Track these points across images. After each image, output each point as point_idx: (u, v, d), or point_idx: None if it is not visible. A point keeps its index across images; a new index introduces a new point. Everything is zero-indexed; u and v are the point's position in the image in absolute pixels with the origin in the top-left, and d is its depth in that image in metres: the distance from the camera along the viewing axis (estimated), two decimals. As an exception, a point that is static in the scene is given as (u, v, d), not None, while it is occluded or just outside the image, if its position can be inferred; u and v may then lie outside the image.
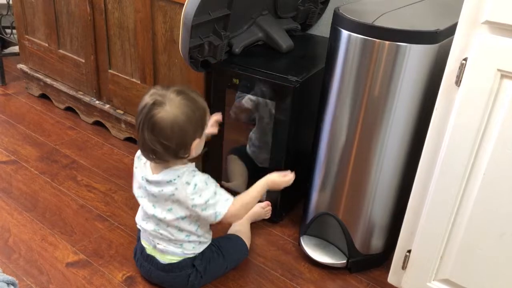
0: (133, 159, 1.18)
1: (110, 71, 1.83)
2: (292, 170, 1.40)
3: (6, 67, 2.35)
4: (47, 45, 2.04)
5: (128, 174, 1.70)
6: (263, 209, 1.44)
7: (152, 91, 1.07)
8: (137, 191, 1.21)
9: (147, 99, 1.05)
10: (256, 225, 1.47)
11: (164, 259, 1.19)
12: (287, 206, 1.52)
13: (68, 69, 2.00)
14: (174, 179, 1.10)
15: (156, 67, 1.65)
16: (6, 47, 2.44)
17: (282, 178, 1.20)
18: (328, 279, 1.31)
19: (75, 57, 1.94)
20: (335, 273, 1.32)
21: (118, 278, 1.26)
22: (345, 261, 1.30)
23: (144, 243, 1.23)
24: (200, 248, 1.20)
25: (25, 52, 2.17)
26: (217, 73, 1.40)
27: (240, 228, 1.35)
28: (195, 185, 1.09)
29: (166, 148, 1.05)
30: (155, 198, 1.14)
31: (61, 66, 2.02)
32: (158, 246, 1.19)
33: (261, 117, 1.39)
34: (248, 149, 1.47)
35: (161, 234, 1.17)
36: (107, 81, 1.86)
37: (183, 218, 1.14)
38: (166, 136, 1.04)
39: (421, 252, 1.08)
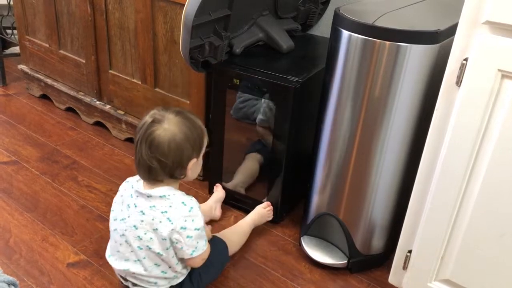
0: (133, 159, 1.17)
1: (110, 71, 1.83)
2: (292, 170, 1.41)
3: (7, 67, 2.35)
4: (47, 45, 2.04)
5: (129, 175, 1.70)
6: (264, 209, 1.43)
7: (152, 111, 1.09)
8: (113, 223, 1.16)
9: (147, 118, 1.07)
10: (257, 226, 1.47)
11: None
12: (288, 207, 1.52)
13: (69, 69, 2.00)
14: (168, 195, 1.08)
15: (156, 68, 1.65)
16: (7, 48, 2.44)
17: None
18: (328, 279, 1.31)
19: (75, 57, 1.94)
20: (336, 273, 1.32)
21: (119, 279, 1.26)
22: (345, 261, 1.30)
23: (122, 280, 1.20)
24: (175, 282, 1.16)
25: (25, 52, 2.17)
26: (218, 73, 1.40)
27: (234, 233, 1.34)
28: (191, 208, 1.08)
29: (163, 165, 1.05)
30: (141, 220, 1.09)
31: (62, 66, 2.02)
32: (136, 282, 1.15)
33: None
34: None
35: (133, 273, 1.13)
36: (108, 82, 1.86)
37: (166, 249, 1.09)
38: (163, 152, 1.04)
39: (422, 253, 1.08)
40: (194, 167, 1.10)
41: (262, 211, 1.43)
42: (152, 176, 1.08)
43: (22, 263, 1.29)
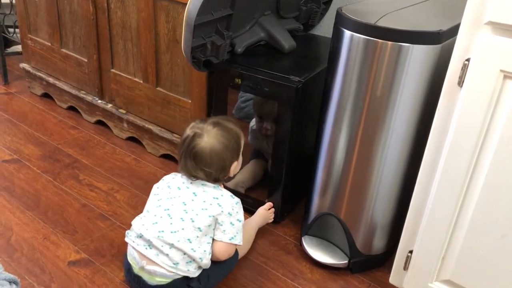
0: (135, 158, 1.17)
1: (112, 70, 1.83)
2: (293, 170, 1.41)
3: (9, 66, 2.36)
4: (49, 44, 2.05)
5: (130, 174, 1.70)
6: (266, 210, 1.43)
7: (192, 124, 1.20)
8: (156, 202, 1.19)
9: (188, 131, 1.18)
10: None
11: (152, 280, 1.15)
12: (289, 207, 1.52)
13: (71, 68, 2.00)
14: (220, 188, 1.21)
15: (158, 67, 1.66)
16: (9, 46, 2.45)
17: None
18: (329, 279, 1.31)
19: (77, 56, 1.95)
20: (337, 273, 1.32)
21: (120, 277, 1.26)
22: (346, 262, 1.30)
23: (131, 261, 1.18)
24: (196, 273, 1.16)
25: (28, 51, 2.18)
26: (219, 72, 1.40)
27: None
28: (238, 202, 1.19)
29: (208, 174, 1.18)
30: (192, 199, 1.16)
31: (64, 65, 2.03)
32: (146, 267, 1.13)
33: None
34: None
35: (157, 255, 1.13)
36: (110, 81, 1.86)
37: (208, 226, 1.14)
38: (206, 163, 1.16)
39: (423, 253, 1.08)
40: (235, 167, 1.23)
41: (265, 213, 1.43)
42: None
43: (24, 261, 1.30)
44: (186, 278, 1.15)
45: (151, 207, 1.19)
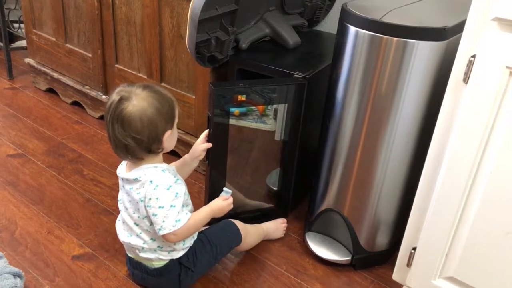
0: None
1: (116, 66, 1.83)
2: (298, 166, 1.41)
3: (13, 61, 2.36)
4: (54, 39, 2.05)
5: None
6: (281, 224, 1.41)
7: (118, 89, 1.07)
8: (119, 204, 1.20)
9: (114, 96, 1.05)
10: (261, 222, 1.47)
11: (151, 264, 1.17)
12: (293, 203, 1.52)
13: (75, 63, 2.00)
14: (139, 176, 1.08)
15: (162, 62, 1.66)
16: (14, 41, 2.46)
17: (226, 202, 1.19)
18: (332, 276, 1.31)
19: (82, 51, 1.95)
20: (340, 270, 1.32)
21: (123, 272, 1.27)
22: (349, 258, 1.30)
23: (129, 253, 1.22)
24: (175, 255, 1.16)
25: (32, 46, 2.18)
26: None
27: (252, 229, 1.33)
28: (157, 186, 1.06)
29: (139, 142, 1.05)
30: (129, 198, 1.13)
31: (68, 60, 2.03)
32: (140, 254, 1.16)
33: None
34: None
35: (135, 245, 1.15)
36: (114, 76, 1.86)
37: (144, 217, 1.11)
38: (137, 129, 1.03)
39: (426, 250, 1.07)
40: (170, 138, 1.09)
41: (279, 226, 1.41)
42: (130, 154, 1.08)
43: (28, 255, 1.30)
44: (179, 257, 1.17)
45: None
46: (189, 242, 1.18)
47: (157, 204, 1.06)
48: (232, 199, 1.21)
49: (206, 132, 1.26)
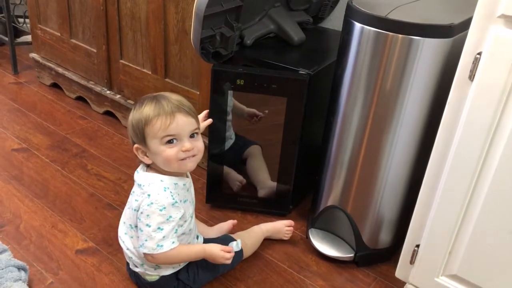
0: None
1: (121, 61, 1.84)
2: (301, 163, 1.41)
3: (18, 56, 2.37)
4: (59, 34, 2.05)
5: (138, 164, 1.71)
6: (285, 226, 1.38)
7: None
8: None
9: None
10: (264, 218, 1.47)
11: (145, 276, 1.16)
12: (296, 199, 1.52)
13: (80, 58, 2.01)
14: (144, 185, 1.07)
15: (167, 58, 1.66)
16: (18, 36, 2.46)
17: (222, 254, 1.13)
18: (335, 273, 1.31)
19: (87, 47, 1.95)
20: (343, 267, 1.32)
21: (127, 266, 1.27)
22: (352, 255, 1.31)
23: (126, 257, 1.20)
24: (167, 271, 1.15)
25: (37, 41, 2.19)
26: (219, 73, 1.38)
27: (249, 237, 1.32)
28: (151, 203, 1.04)
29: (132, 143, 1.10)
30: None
31: (73, 55, 2.03)
32: (131, 267, 1.17)
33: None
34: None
35: (128, 246, 1.14)
36: (118, 71, 1.87)
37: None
38: (129, 134, 1.10)
39: (430, 247, 1.07)
40: (152, 155, 1.06)
41: (281, 228, 1.38)
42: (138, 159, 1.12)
43: (32, 249, 1.31)
44: (174, 272, 1.16)
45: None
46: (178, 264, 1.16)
47: (146, 221, 1.05)
48: (233, 255, 1.15)
49: (206, 111, 1.33)
